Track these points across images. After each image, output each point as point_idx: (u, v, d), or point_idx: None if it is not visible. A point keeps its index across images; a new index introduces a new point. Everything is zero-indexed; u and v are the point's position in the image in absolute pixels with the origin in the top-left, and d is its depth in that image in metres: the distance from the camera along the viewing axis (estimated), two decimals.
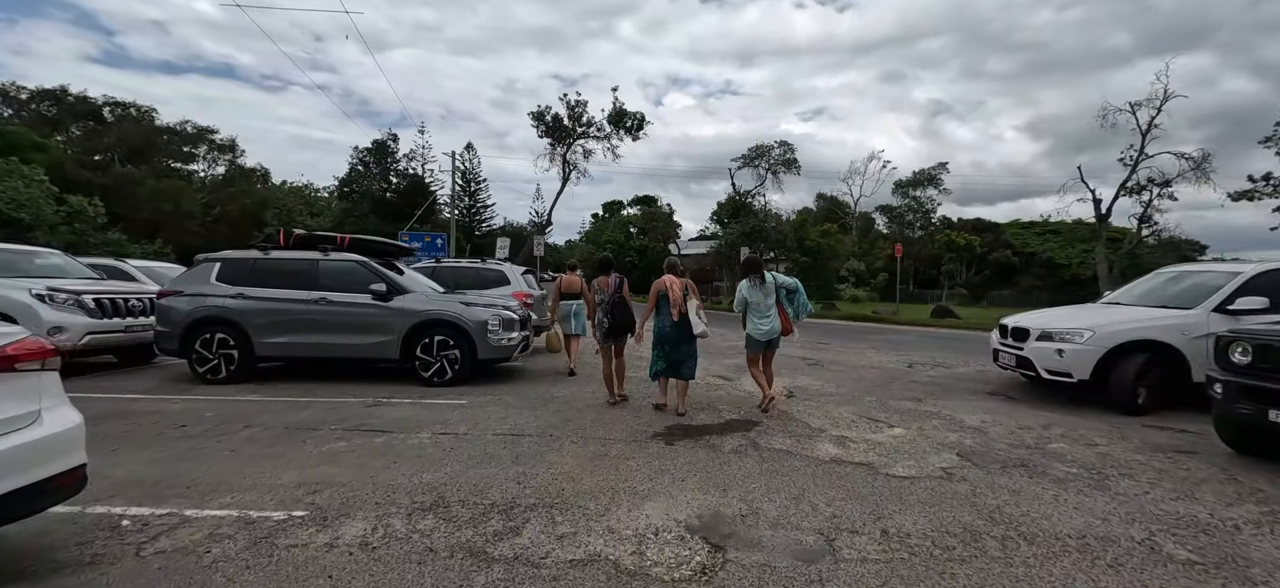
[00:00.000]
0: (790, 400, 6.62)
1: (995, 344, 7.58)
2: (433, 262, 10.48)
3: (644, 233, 46.36)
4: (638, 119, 25.87)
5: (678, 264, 5.93)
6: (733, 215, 33.81)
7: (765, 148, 32.50)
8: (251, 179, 42.69)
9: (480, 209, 68.92)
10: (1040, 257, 41.03)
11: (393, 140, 48.10)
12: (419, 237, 21.62)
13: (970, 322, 18.05)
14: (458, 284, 9.82)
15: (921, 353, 11.42)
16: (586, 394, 6.69)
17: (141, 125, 35.41)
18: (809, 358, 10.34)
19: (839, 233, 39.67)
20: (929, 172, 43.53)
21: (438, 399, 6.26)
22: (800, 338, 13.87)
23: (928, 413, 6.04)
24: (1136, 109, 26.32)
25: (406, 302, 7.06)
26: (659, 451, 4.48)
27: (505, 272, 10.10)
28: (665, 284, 5.51)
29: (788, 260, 37.97)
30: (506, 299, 8.75)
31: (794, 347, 11.95)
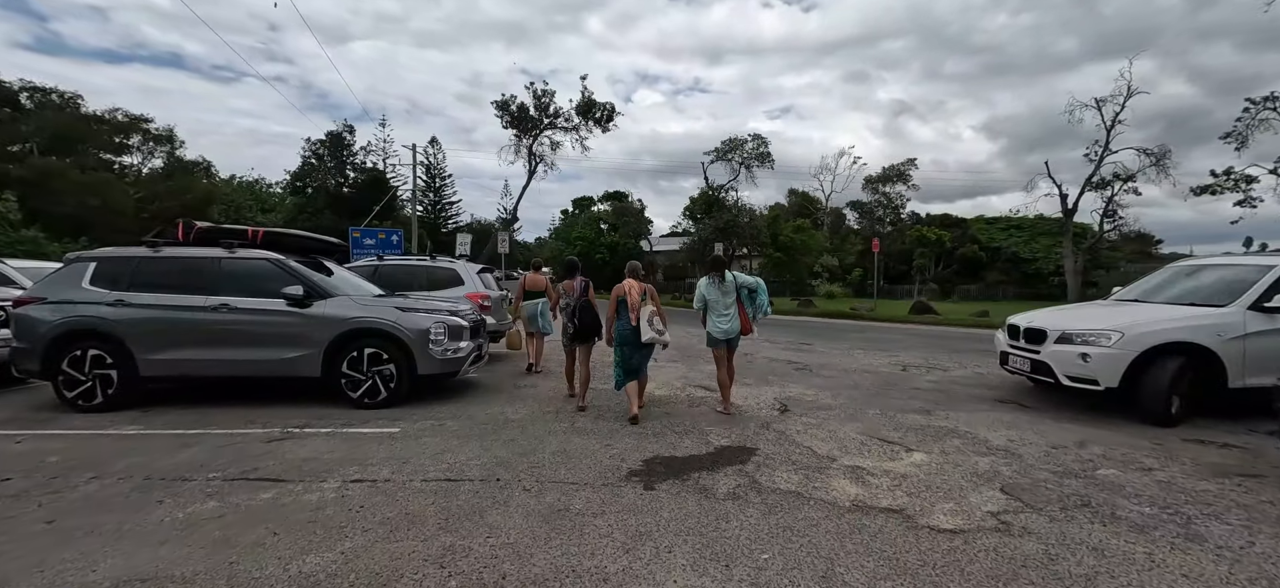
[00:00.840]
0: (785, 416, 5.72)
1: (1003, 346, 6.87)
2: (375, 260, 9.25)
3: (615, 229, 45.25)
4: (607, 110, 24.79)
5: (639, 268, 5.89)
6: (706, 211, 33.08)
7: (738, 141, 31.86)
8: (193, 172, 39.78)
9: (446, 205, 66.70)
10: (1005, 252, 41.73)
11: (349, 132, 45.64)
12: (372, 233, 20.04)
13: (949, 318, 17.69)
14: (403, 286, 8.63)
15: (910, 353, 10.76)
16: (546, 415, 5.65)
17: (65, 113, 32.35)
18: (796, 361, 9.53)
19: (811, 229, 39.46)
20: (898, 168, 43.81)
21: (365, 426, 5.12)
22: (782, 338, 13.12)
23: (943, 430, 5.23)
24: (1101, 105, 26.67)
25: (330, 308, 5.87)
26: (636, 500, 3.50)
27: (458, 271, 8.95)
28: (625, 288, 5.50)
29: (762, 256, 37.54)
30: (459, 302, 7.63)
31: (778, 349, 11.16)
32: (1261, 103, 22.87)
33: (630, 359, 5.51)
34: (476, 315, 7.01)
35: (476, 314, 7.09)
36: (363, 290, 6.67)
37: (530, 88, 24.62)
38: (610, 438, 4.84)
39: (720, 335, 5.69)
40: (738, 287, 5.73)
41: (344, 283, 6.66)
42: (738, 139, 31.75)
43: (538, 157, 25.44)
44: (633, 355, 5.50)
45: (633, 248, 44.00)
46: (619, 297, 5.53)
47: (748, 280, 5.86)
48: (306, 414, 5.52)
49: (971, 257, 40.99)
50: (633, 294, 5.45)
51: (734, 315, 5.68)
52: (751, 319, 5.83)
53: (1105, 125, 26.75)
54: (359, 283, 6.99)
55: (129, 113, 35.29)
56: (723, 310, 5.68)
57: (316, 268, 6.50)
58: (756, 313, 5.84)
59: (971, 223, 44.71)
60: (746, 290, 5.78)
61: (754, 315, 5.83)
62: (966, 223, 44.23)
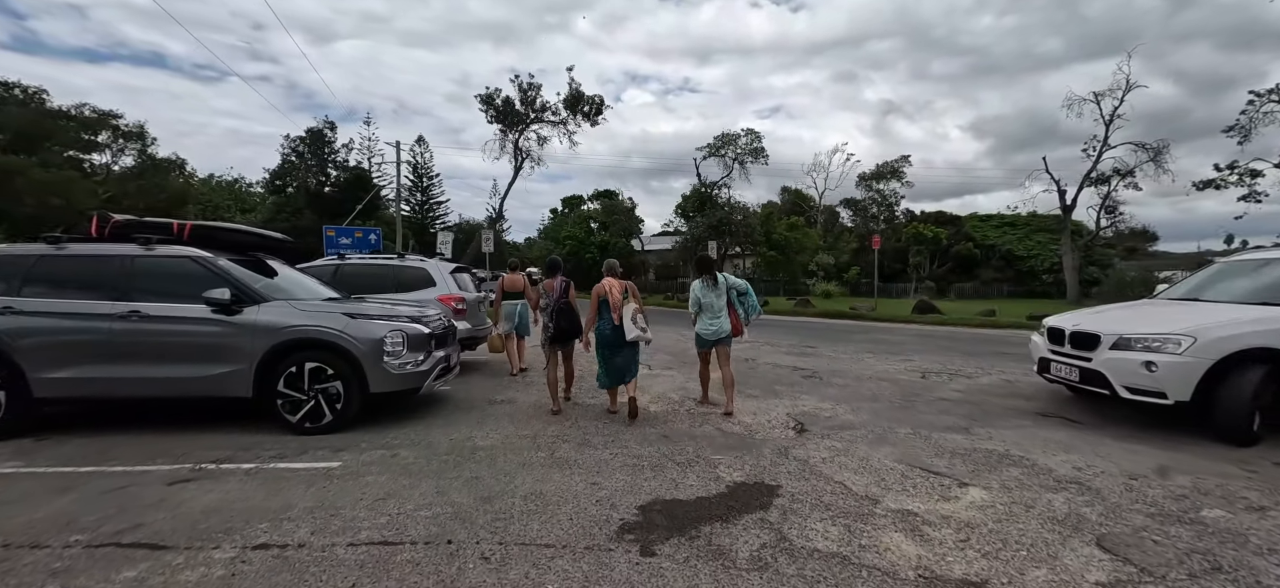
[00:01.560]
0: (804, 438, 4.88)
1: (1042, 352, 6.08)
2: (335, 259, 8.29)
3: (605, 228, 44.31)
4: (595, 102, 23.85)
5: (618, 266, 5.84)
6: (698, 208, 32.27)
7: (732, 137, 31.05)
8: (165, 170, 38.28)
9: (433, 205, 65.38)
10: (1000, 249, 41.37)
11: (330, 129, 44.26)
12: (348, 231, 18.99)
13: (954, 317, 16.99)
14: (369, 288, 7.70)
15: (924, 357, 9.99)
16: (522, 441, 4.76)
17: (27, 108, 30.84)
18: (803, 368, 8.71)
19: (805, 227, 38.80)
20: (892, 164, 43.32)
21: (298, 459, 4.21)
22: (783, 341, 12.32)
23: (994, 456, 4.42)
24: (1100, 99, 26.22)
25: (264, 314, 4.94)
26: (631, 573, 2.63)
27: (429, 271, 8.02)
28: (605, 288, 5.39)
29: (755, 255, 36.81)
30: (428, 305, 6.72)
31: (781, 353, 10.34)
32: (1266, 95, 22.48)
33: (613, 360, 5.41)
34: (446, 321, 6.11)
35: (446, 319, 6.18)
36: (314, 294, 5.74)
37: (515, 80, 23.65)
38: (598, 472, 3.96)
39: (708, 336, 5.70)
40: (728, 288, 5.74)
41: (291, 286, 5.73)
42: (731, 134, 30.99)
43: (524, 152, 24.47)
44: (616, 356, 5.39)
45: (623, 247, 43.10)
46: (599, 297, 5.40)
47: (737, 283, 5.85)
48: (233, 443, 4.59)
49: (966, 255, 40.58)
50: (613, 293, 5.35)
51: (724, 317, 5.67)
52: (743, 321, 5.83)
53: (1104, 120, 26.31)
54: (310, 286, 6.05)
55: (97, 108, 33.81)
56: (715, 312, 5.66)
57: (256, 267, 5.56)
58: (748, 315, 5.85)
59: (965, 220, 44.33)
60: (736, 292, 5.78)
61: (745, 317, 5.84)
62: (960, 220, 43.85)
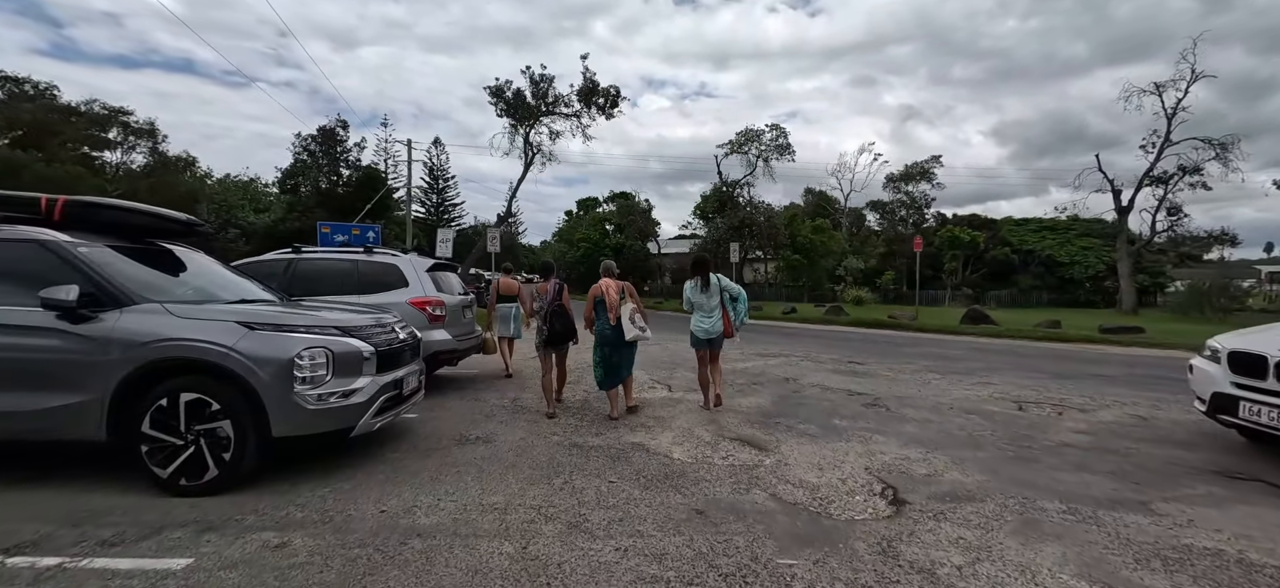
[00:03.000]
0: (905, 518, 3.25)
1: (1220, 386, 4.37)
2: (289, 253, 6.86)
3: (620, 230, 42.86)
4: (611, 94, 22.39)
5: (614, 267, 5.88)
6: (719, 209, 30.59)
7: (756, 133, 29.35)
8: (176, 169, 37.85)
9: (449, 207, 64.74)
10: (1039, 255, 38.94)
11: (342, 128, 43.55)
12: (345, 228, 17.77)
13: (1011, 328, 15.08)
14: (329, 288, 6.30)
15: (1004, 378, 8.25)
16: (489, 514, 3.21)
17: (35, 104, 30.45)
18: (861, 393, 7.05)
19: (831, 229, 36.89)
20: (922, 165, 41.18)
21: (133, 551, 2.73)
22: (824, 354, 10.65)
23: (1220, 559, 2.76)
24: (1162, 90, 23.99)
25: (126, 323, 3.46)
26: None
27: (401, 268, 6.54)
28: (602, 288, 5.46)
29: (777, 259, 35.02)
30: (388, 311, 5.24)
31: (826, 371, 8.67)
32: None
33: (611, 359, 5.45)
34: (401, 334, 4.59)
35: (403, 331, 4.67)
36: (226, 294, 4.28)
37: (526, 72, 22.29)
38: (599, 575, 2.40)
39: (703, 336, 5.81)
40: (721, 290, 5.81)
41: (201, 284, 4.28)
42: (754, 130, 29.27)
43: (535, 147, 23.08)
44: (614, 355, 5.44)
45: (638, 251, 41.61)
46: (596, 297, 5.46)
47: (731, 287, 5.91)
48: (66, 512, 3.13)
49: (1003, 260, 38.23)
50: (611, 293, 5.38)
51: (718, 318, 5.75)
52: (734, 325, 5.88)
53: (1166, 113, 24.07)
54: (230, 286, 4.58)
55: (107, 105, 33.45)
56: (707, 312, 5.76)
57: (150, 259, 4.12)
58: (737, 319, 5.89)
59: (1000, 224, 41.92)
60: (728, 295, 5.85)
61: (736, 321, 5.89)
62: (996, 224, 41.48)
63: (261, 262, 6.68)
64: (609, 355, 5.44)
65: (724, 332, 5.78)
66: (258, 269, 6.54)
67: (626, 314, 5.34)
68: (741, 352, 10.86)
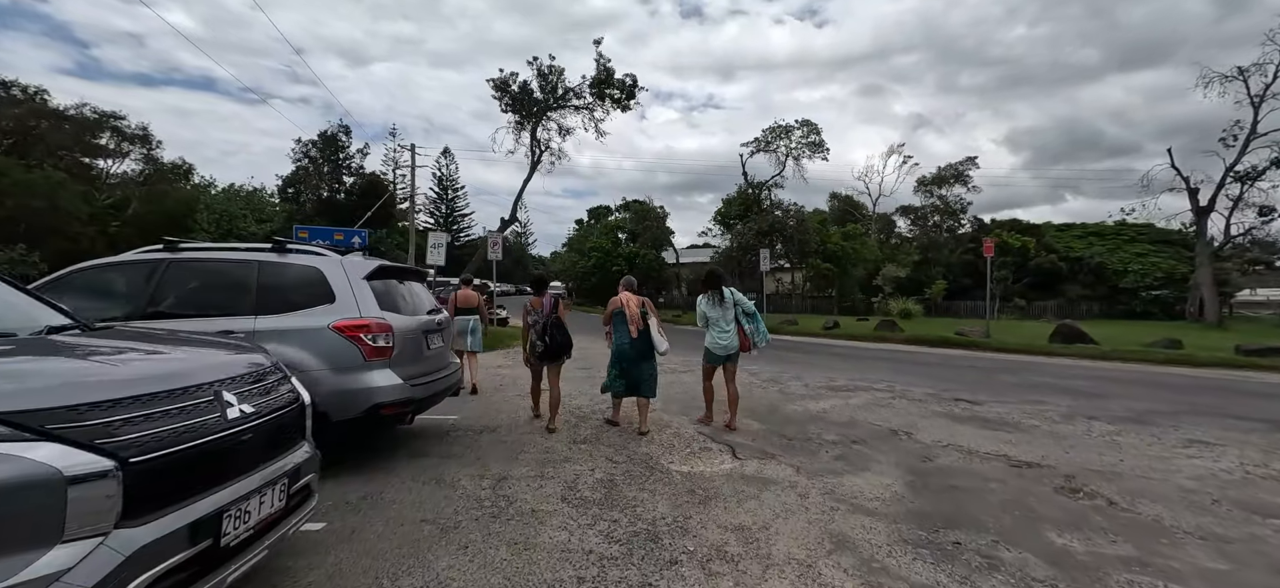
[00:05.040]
0: None
1: None
2: (159, 250, 4.55)
3: (633, 238, 40.56)
4: (627, 85, 20.15)
5: (634, 282, 5.66)
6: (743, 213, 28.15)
7: (785, 129, 26.91)
8: (171, 177, 36.31)
9: (458, 217, 63.15)
10: (1087, 262, 35.91)
11: (345, 134, 41.99)
12: (325, 232, 15.64)
13: (1120, 348, 12.43)
14: (202, 304, 4.02)
15: (1209, 429, 5.74)
16: None
17: (23, 108, 28.97)
18: (1023, 461, 4.60)
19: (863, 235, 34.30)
20: (956, 167, 38.49)
21: None
22: (922, 388, 8.13)
23: None
24: (1247, 75, 21.25)
25: None
26: None
27: (326, 275, 4.18)
28: (622, 301, 5.31)
29: (806, 268, 32.45)
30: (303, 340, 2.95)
31: (940, 418, 6.13)
32: None
33: (631, 372, 5.28)
34: (249, 401, 2.23)
35: (263, 396, 2.32)
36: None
37: (533, 62, 20.13)
38: None
39: (720, 351, 5.49)
40: (736, 304, 5.55)
41: None
42: (784, 125, 26.80)
43: (543, 145, 20.88)
44: (634, 369, 5.27)
45: (653, 260, 39.22)
46: (615, 310, 5.32)
47: (745, 303, 5.61)
48: None
49: (1049, 268, 35.27)
50: (631, 307, 5.22)
51: (733, 333, 5.48)
52: (752, 343, 5.56)
53: (1251, 101, 21.31)
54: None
55: (98, 109, 31.93)
56: (724, 327, 5.47)
57: None
58: (756, 338, 5.58)
59: (1043, 228, 38.97)
60: (743, 311, 5.56)
61: (755, 341, 5.57)
62: (1040, 229, 38.54)
63: (111, 266, 4.39)
64: (628, 370, 5.31)
65: (740, 346, 5.54)
66: (98, 279, 4.30)
67: (654, 328, 5.22)
68: (805, 385, 8.42)
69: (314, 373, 3.92)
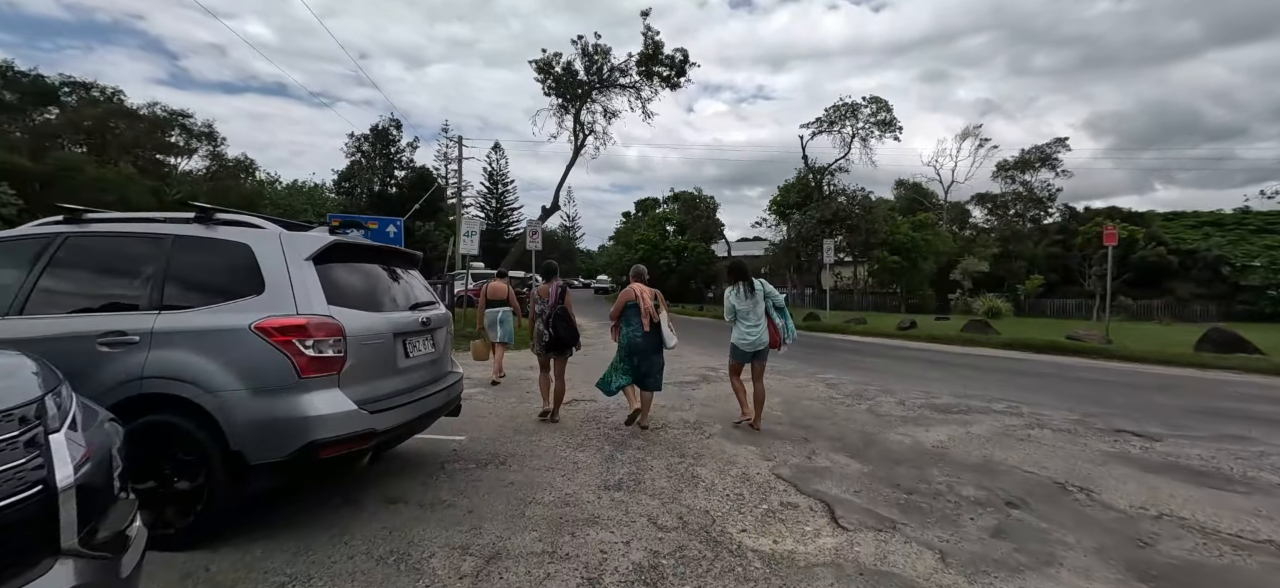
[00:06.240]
0: None
1: None
2: (58, 222, 3.53)
3: (682, 231, 38.95)
4: (676, 61, 18.57)
5: (645, 272, 5.51)
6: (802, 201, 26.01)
7: (851, 107, 24.50)
8: (236, 172, 37.72)
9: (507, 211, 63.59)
10: (1202, 256, 31.37)
11: (396, 128, 42.55)
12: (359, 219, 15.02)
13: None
14: (99, 290, 2.87)
15: None
16: None
17: (100, 108, 30.54)
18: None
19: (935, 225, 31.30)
20: (1043, 149, 34.58)
21: None
22: (1061, 414, 6.15)
23: None
24: None
25: None
26: None
27: (253, 250, 2.99)
28: (634, 293, 5.13)
29: (869, 261, 29.90)
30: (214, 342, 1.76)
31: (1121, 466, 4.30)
32: None
33: (640, 366, 5.09)
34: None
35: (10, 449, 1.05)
36: None
37: (578, 41, 18.89)
38: None
39: (747, 347, 5.17)
40: (766, 297, 5.28)
41: None
42: (850, 104, 24.38)
43: (586, 128, 19.64)
44: (643, 363, 5.08)
45: (702, 253, 37.53)
46: (627, 302, 5.14)
47: (775, 294, 5.39)
48: None
49: (1156, 262, 30.98)
50: (645, 299, 5.06)
51: (763, 327, 5.19)
52: (782, 339, 5.27)
53: None
54: None
55: (167, 108, 33.42)
56: (753, 321, 5.18)
57: None
58: (787, 333, 5.30)
59: (1148, 217, 34.44)
60: (773, 304, 5.32)
61: (786, 336, 5.29)
62: (1145, 217, 34.09)
63: (21, 234, 3.35)
64: (638, 365, 5.09)
65: (770, 342, 5.20)
66: None
67: (665, 322, 5.07)
68: (900, 403, 6.75)
69: (227, 395, 2.72)
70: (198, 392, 2.72)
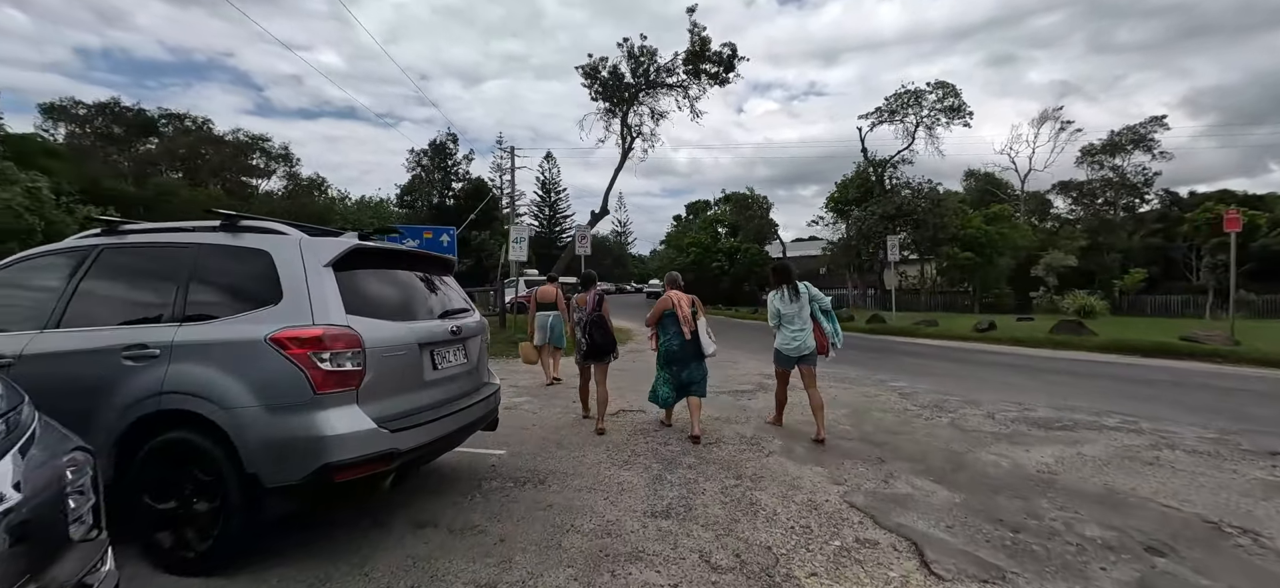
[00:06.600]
0: None
1: None
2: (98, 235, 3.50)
3: (734, 232, 38.03)
4: (724, 57, 17.98)
5: (680, 278, 5.41)
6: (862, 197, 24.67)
7: (914, 94, 22.99)
8: (310, 190, 40.20)
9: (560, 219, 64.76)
10: None
11: (452, 142, 44.09)
12: (416, 231, 15.39)
13: None
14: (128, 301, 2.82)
15: None
16: None
17: (188, 137, 33.35)
18: None
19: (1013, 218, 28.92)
20: (1137, 130, 31.25)
21: None
22: (1198, 435, 4.95)
23: None
24: None
25: None
26: None
27: (274, 258, 2.79)
28: (671, 300, 5.05)
29: (937, 258, 27.98)
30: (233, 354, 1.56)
31: None
32: None
33: (680, 374, 5.02)
34: None
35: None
36: None
37: (623, 44, 18.70)
38: None
39: (792, 352, 4.94)
40: (811, 300, 5.04)
41: None
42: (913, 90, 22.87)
43: (634, 131, 19.39)
44: (683, 371, 5.01)
45: (756, 254, 36.46)
46: (664, 310, 5.07)
47: (821, 297, 5.15)
48: None
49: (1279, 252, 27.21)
50: (683, 306, 4.97)
51: (808, 331, 4.97)
52: (830, 344, 5.04)
53: None
54: None
55: (249, 133, 36.05)
56: (798, 325, 4.95)
57: None
58: (835, 338, 5.09)
59: (1268, 200, 30.38)
60: (819, 307, 5.10)
61: (834, 340, 5.07)
62: (1266, 200, 30.10)
63: (42, 256, 3.36)
64: (678, 372, 5.01)
65: (817, 347, 4.98)
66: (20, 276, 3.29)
67: (703, 328, 4.95)
68: (989, 416, 5.97)
69: (241, 413, 2.54)
70: (213, 409, 2.55)
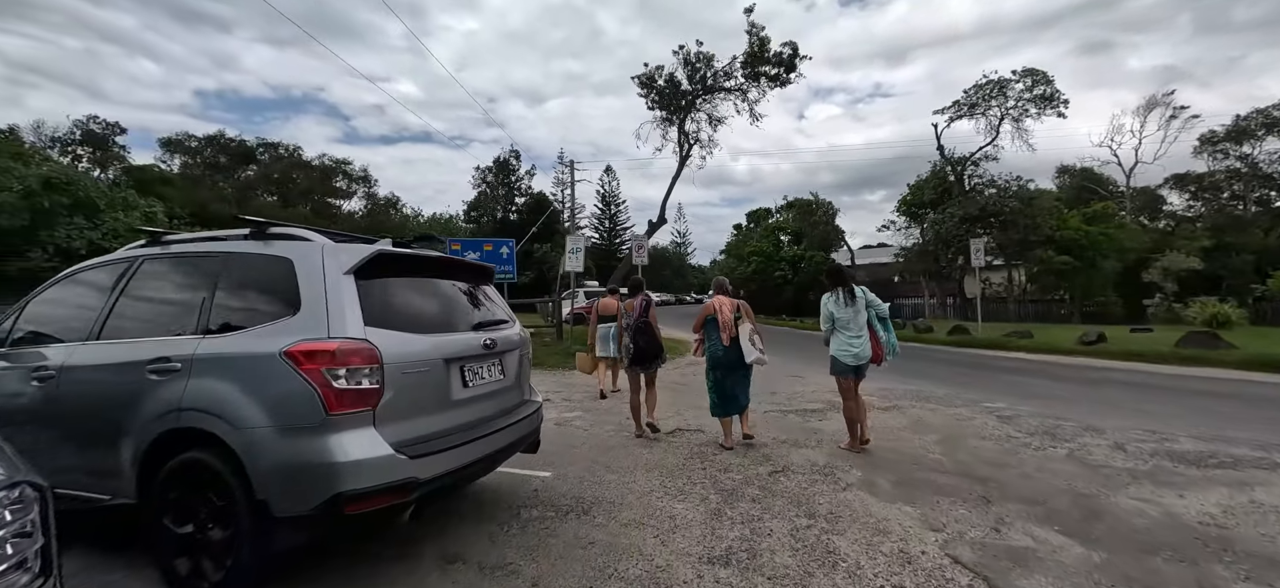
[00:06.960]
0: None
1: None
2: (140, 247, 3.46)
3: (798, 240, 36.57)
4: (785, 57, 17.20)
5: (727, 283, 5.33)
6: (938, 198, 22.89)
7: (998, 84, 21.02)
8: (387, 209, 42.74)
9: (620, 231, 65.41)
10: None
11: (515, 158, 45.49)
12: (476, 244, 15.67)
13: None
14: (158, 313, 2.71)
15: None
16: None
17: (282, 162, 36.32)
18: None
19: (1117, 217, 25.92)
20: (1271, 112, 27.24)
21: None
22: None
23: None
24: None
25: None
26: None
27: (295, 266, 2.57)
28: (714, 306, 4.98)
29: (1027, 263, 25.45)
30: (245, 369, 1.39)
31: None
32: None
33: (724, 383, 4.94)
34: None
35: None
36: None
37: (680, 51, 18.36)
38: None
39: (850, 361, 4.67)
40: (868, 305, 4.78)
41: None
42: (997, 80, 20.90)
43: (691, 138, 18.96)
44: (726, 379, 4.93)
45: (820, 262, 34.81)
46: (707, 316, 5.04)
47: (878, 303, 4.86)
48: None
49: None
50: (724, 312, 4.88)
51: (866, 339, 4.71)
52: (884, 353, 4.81)
53: None
54: None
55: (333, 158, 38.84)
56: (855, 332, 4.71)
57: None
58: (890, 347, 4.85)
59: None
60: (876, 314, 4.83)
61: (889, 350, 4.83)
62: None
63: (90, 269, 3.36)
64: (721, 380, 4.93)
65: (872, 356, 4.73)
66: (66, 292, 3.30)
67: (745, 335, 4.83)
68: (1117, 447, 5.04)
69: (254, 433, 2.32)
70: (227, 428, 2.36)
